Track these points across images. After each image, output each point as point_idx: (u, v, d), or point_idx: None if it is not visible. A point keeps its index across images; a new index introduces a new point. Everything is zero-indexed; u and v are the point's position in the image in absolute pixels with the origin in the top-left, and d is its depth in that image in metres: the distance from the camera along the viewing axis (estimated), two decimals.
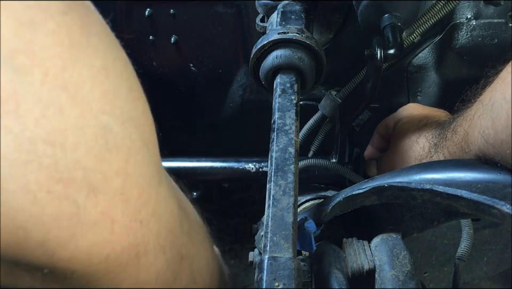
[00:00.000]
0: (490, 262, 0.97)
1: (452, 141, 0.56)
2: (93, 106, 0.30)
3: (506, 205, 0.37)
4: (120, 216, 0.32)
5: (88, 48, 0.30)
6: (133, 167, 0.33)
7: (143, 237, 0.35)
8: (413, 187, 0.44)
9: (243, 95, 0.91)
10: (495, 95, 0.44)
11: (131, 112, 0.33)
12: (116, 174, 0.32)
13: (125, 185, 0.32)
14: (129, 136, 0.33)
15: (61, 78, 0.28)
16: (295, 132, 0.48)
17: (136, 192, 0.33)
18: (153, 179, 0.36)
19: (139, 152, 0.34)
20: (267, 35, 0.58)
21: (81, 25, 0.30)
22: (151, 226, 0.36)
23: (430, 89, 0.86)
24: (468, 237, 0.63)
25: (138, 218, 0.34)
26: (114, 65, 0.32)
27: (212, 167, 0.85)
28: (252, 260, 0.59)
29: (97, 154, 0.30)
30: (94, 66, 0.30)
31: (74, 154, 0.29)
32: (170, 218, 0.39)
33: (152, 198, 0.35)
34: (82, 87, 0.29)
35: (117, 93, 0.32)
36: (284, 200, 0.42)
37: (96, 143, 0.30)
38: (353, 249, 0.49)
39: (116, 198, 0.32)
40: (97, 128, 0.30)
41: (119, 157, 0.32)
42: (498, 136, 0.42)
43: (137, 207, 0.34)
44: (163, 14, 0.81)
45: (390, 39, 0.55)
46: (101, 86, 0.31)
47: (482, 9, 0.75)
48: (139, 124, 0.34)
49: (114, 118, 0.31)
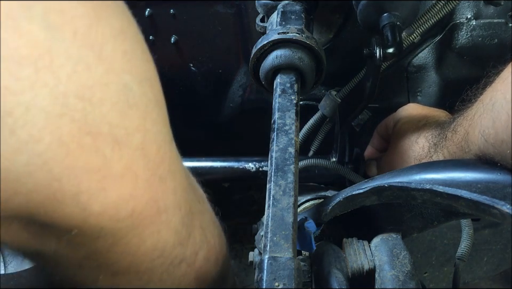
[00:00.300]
0: (490, 262, 0.97)
1: (451, 140, 0.56)
2: (115, 65, 0.31)
3: (506, 205, 0.37)
4: (142, 171, 0.34)
5: (107, 9, 0.31)
6: (150, 124, 0.34)
7: (163, 192, 0.36)
8: (413, 187, 0.44)
9: (243, 95, 0.91)
10: (495, 95, 0.44)
11: (146, 72, 0.35)
12: (137, 130, 0.33)
13: (145, 140, 0.34)
14: (146, 95, 0.34)
15: (88, 37, 0.29)
16: (295, 132, 0.48)
17: (154, 147, 0.35)
18: (167, 136, 0.38)
19: (154, 110, 0.35)
20: (267, 35, 0.58)
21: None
22: (169, 183, 0.37)
23: (430, 89, 0.86)
24: (468, 237, 0.63)
25: (158, 173, 0.35)
26: (129, 28, 0.34)
27: (212, 167, 0.85)
28: (252, 260, 0.59)
29: (120, 110, 0.31)
30: (114, 27, 0.32)
31: (101, 109, 0.30)
32: (183, 176, 0.41)
33: (167, 155, 0.37)
34: (106, 46, 0.31)
35: (134, 54, 0.33)
36: (284, 200, 0.42)
37: (119, 99, 0.31)
38: (353, 249, 0.49)
39: (137, 153, 0.33)
40: (120, 86, 0.31)
41: (139, 114, 0.33)
42: (498, 136, 0.42)
43: (156, 162, 0.35)
44: (163, 14, 0.81)
45: (389, 38, 0.55)
46: (121, 46, 0.32)
47: (482, 9, 0.75)
48: (153, 84, 0.36)
49: (133, 77, 0.33)
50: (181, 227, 0.40)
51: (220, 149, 0.96)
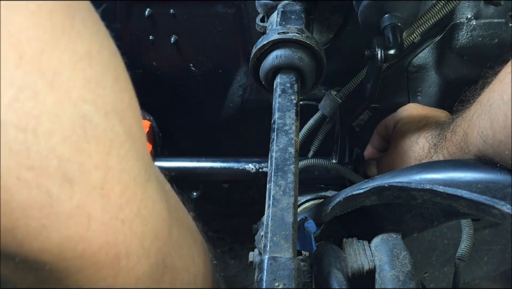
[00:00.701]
0: (491, 262, 0.97)
1: (451, 141, 0.56)
2: (72, 93, 0.29)
3: (506, 205, 0.37)
4: (99, 212, 0.31)
5: (71, 32, 0.29)
6: (115, 160, 0.31)
7: (125, 237, 0.33)
8: (413, 187, 0.44)
9: (243, 95, 0.91)
10: (493, 96, 0.44)
11: (115, 103, 0.32)
12: (95, 167, 0.30)
13: (106, 179, 0.31)
14: (112, 128, 0.31)
15: (38, 62, 0.27)
16: (295, 132, 0.48)
17: (118, 188, 0.32)
18: (140, 176, 0.34)
19: (123, 145, 0.32)
20: (267, 35, 0.58)
21: (66, 8, 0.29)
22: (135, 227, 0.34)
23: (430, 89, 0.86)
24: (468, 237, 0.63)
25: (120, 216, 0.32)
26: (100, 53, 0.31)
27: (212, 167, 0.85)
28: (252, 260, 0.58)
29: (75, 144, 0.29)
30: (77, 52, 0.29)
31: (49, 141, 0.28)
32: (157, 222, 0.36)
33: (137, 196, 0.33)
34: (61, 73, 0.28)
35: (101, 82, 0.31)
36: (284, 200, 0.42)
37: (73, 132, 0.29)
38: (353, 249, 0.49)
39: (94, 192, 0.30)
40: (76, 117, 0.29)
41: (100, 149, 0.30)
42: (496, 137, 0.42)
43: (119, 204, 0.32)
44: (163, 14, 0.81)
45: (390, 39, 0.55)
46: (83, 74, 0.29)
47: (482, 9, 0.75)
48: (124, 117, 0.33)
49: (95, 108, 0.30)
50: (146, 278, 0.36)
51: (220, 149, 0.96)
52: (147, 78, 0.90)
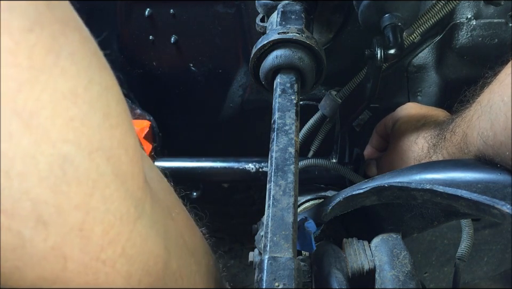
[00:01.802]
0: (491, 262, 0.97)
1: (450, 141, 0.56)
2: (51, 134, 0.28)
3: (506, 205, 0.37)
4: (77, 253, 0.30)
5: (53, 70, 0.28)
6: (98, 201, 0.30)
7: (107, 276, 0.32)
8: (413, 187, 0.44)
9: (243, 95, 0.91)
10: (493, 97, 0.44)
11: (103, 142, 0.31)
12: (75, 208, 0.29)
13: (86, 220, 0.30)
14: (96, 168, 0.30)
15: (13, 102, 0.26)
16: (295, 132, 0.48)
17: (100, 228, 0.31)
18: (127, 215, 0.33)
19: (108, 185, 0.31)
20: (267, 35, 0.58)
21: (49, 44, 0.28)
22: (119, 266, 0.33)
23: (430, 89, 0.86)
24: (468, 237, 0.63)
25: (101, 257, 0.31)
26: (87, 89, 0.30)
27: (212, 167, 0.85)
28: (252, 260, 0.58)
29: (51, 186, 0.28)
30: (58, 91, 0.28)
31: (22, 184, 0.27)
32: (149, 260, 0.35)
33: (122, 236, 0.32)
34: (40, 113, 0.27)
35: (86, 121, 0.29)
36: (284, 200, 0.42)
37: (50, 174, 0.28)
38: (353, 249, 0.49)
39: (71, 234, 0.29)
40: (54, 158, 0.28)
41: (80, 190, 0.29)
42: (497, 138, 0.42)
43: (100, 244, 0.31)
44: (163, 14, 0.81)
45: (390, 39, 0.55)
46: (65, 113, 0.28)
47: (482, 9, 0.75)
48: (112, 155, 0.31)
49: (78, 148, 0.29)
50: None
51: (220, 149, 0.96)
52: (147, 78, 0.90)
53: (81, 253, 0.30)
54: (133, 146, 0.34)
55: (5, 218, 0.27)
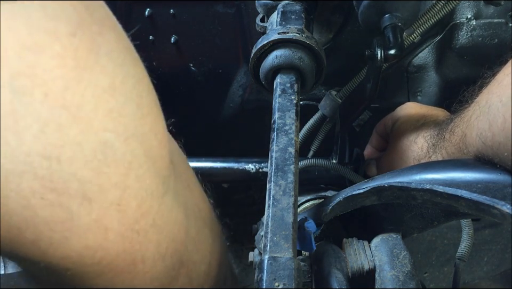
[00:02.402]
0: (491, 262, 0.97)
1: (450, 141, 0.56)
2: (94, 123, 0.31)
3: (506, 205, 0.37)
4: (116, 225, 0.34)
5: (94, 68, 0.31)
6: (133, 180, 0.34)
7: (141, 245, 0.36)
8: (413, 187, 0.44)
9: (243, 95, 0.91)
10: (491, 98, 0.44)
11: (137, 128, 0.34)
12: (114, 186, 0.33)
13: (123, 196, 0.34)
14: (132, 151, 0.34)
15: (62, 98, 0.30)
16: (295, 132, 0.48)
17: (135, 203, 0.35)
18: (157, 190, 0.37)
19: (141, 166, 0.35)
20: (267, 35, 0.58)
21: (90, 45, 0.31)
22: (150, 236, 0.37)
23: (430, 89, 0.86)
24: (468, 237, 0.63)
25: (135, 228, 0.35)
26: (123, 83, 0.33)
27: (212, 167, 0.85)
28: (252, 260, 0.58)
29: (95, 168, 0.32)
30: (99, 86, 0.31)
31: (71, 167, 0.30)
32: (174, 228, 0.40)
33: (153, 209, 0.36)
34: (84, 106, 0.31)
35: (123, 111, 0.33)
36: (284, 200, 0.42)
37: (94, 158, 0.31)
38: (353, 249, 0.49)
39: (111, 208, 0.33)
40: (97, 144, 0.31)
41: (118, 171, 0.33)
42: (495, 139, 0.42)
43: (134, 217, 0.35)
44: (163, 14, 0.81)
45: (390, 40, 0.55)
46: (105, 105, 0.32)
47: (482, 9, 0.75)
48: (145, 140, 0.35)
49: (116, 135, 0.33)
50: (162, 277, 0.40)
51: (220, 149, 0.96)
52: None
53: (119, 224, 0.34)
54: (161, 131, 0.38)
55: (57, 195, 0.30)
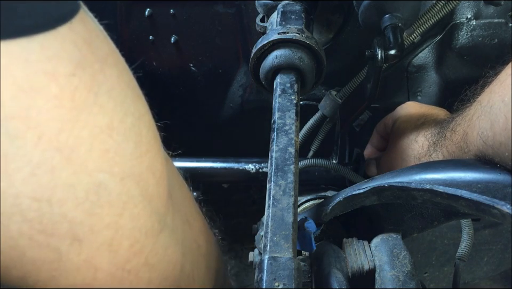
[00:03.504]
0: (491, 262, 0.97)
1: (451, 140, 0.56)
2: (89, 165, 0.30)
3: (506, 205, 0.37)
4: (106, 265, 0.33)
5: (93, 108, 0.30)
6: (126, 220, 0.33)
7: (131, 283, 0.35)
8: (413, 187, 0.44)
9: (243, 95, 0.91)
10: (493, 97, 0.44)
11: (133, 168, 0.33)
12: (106, 227, 0.32)
13: (115, 237, 0.33)
14: (127, 192, 0.33)
15: (56, 140, 0.29)
16: (295, 132, 0.48)
17: (127, 243, 0.34)
18: (152, 229, 0.36)
19: (136, 206, 0.34)
20: (267, 35, 0.58)
21: (90, 84, 0.30)
22: (141, 274, 0.36)
23: (430, 89, 0.86)
24: (468, 237, 0.63)
25: (127, 267, 0.34)
26: (122, 121, 0.32)
27: (212, 167, 0.85)
28: (252, 260, 0.58)
29: (87, 209, 0.31)
30: (97, 126, 0.30)
31: (61, 209, 0.30)
32: (167, 266, 0.39)
33: (146, 248, 0.35)
34: (79, 148, 0.30)
35: (120, 151, 0.32)
36: (284, 200, 0.42)
37: (86, 199, 0.30)
38: (353, 249, 0.49)
39: (102, 248, 0.32)
40: (90, 185, 0.30)
41: (112, 211, 0.32)
42: (496, 138, 0.42)
43: (126, 256, 0.34)
44: (163, 14, 0.81)
45: (391, 40, 0.55)
46: (102, 146, 0.31)
47: (482, 9, 0.75)
48: (142, 179, 0.34)
49: (111, 175, 0.32)
50: None
51: (220, 149, 0.96)
52: (147, 78, 0.90)
53: (109, 264, 0.33)
54: (159, 169, 0.36)
55: (45, 237, 0.30)
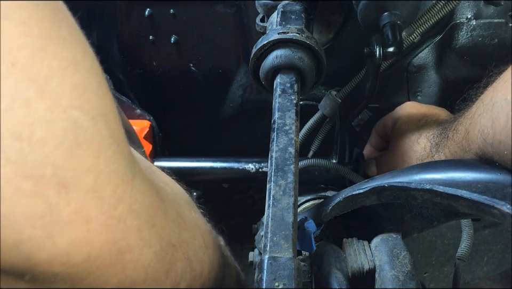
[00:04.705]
0: (491, 262, 0.97)
1: (452, 140, 0.56)
2: (62, 100, 0.29)
3: (506, 205, 0.37)
4: (96, 214, 0.32)
5: (58, 40, 0.29)
6: (104, 163, 0.32)
7: (123, 233, 0.34)
8: (413, 187, 0.44)
9: (243, 95, 0.91)
10: (496, 95, 0.44)
11: (100, 107, 0.32)
12: (87, 171, 0.31)
13: (97, 182, 0.31)
14: (99, 132, 0.32)
15: (30, 70, 0.27)
16: (295, 132, 0.48)
17: (109, 188, 0.33)
18: (126, 174, 0.35)
19: (109, 148, 0.33)
20: (267, 35, 0.58)
21: (52, 16, 0.29)
22: (130, 222, 0.35)
23: (430, 89, 0.86)
24: (468, 237, 0.63)
25: (115, 215, 0.33)
26: (84, 58, 0.31)
27: (212, 167, 0.85)
28: (252, 260, 0.59)
29: (67, 150, 0.29)
30: (64, 59, 0.29)
31: (43, 149, 0.28)
32: (150, 211, 0.38)
33: (127, 194, 0.34)
34: (52, 80, 0.28)
35: (87, 88, 0.31)
36: (284, 200, 0.42)
37: (65, 139, 0.29)
38: (353, 249, 0.49)
39: (88, 195, 0.31)
40: (67, 123, 0.29)
41: (90, 153, 0.31)
42: (497, 137, 0.42)
43: (112, 204, 0.33)
44: (163, 14, 0.81)
45: (389, 37, 0.55)
46: (71, 80, 0.30)
47: (482, 9, 0.75)
48: (108, 120, 0.33)
49: (83, 113, 0.30)
50: (155, 264, 0.38)
51: (220, 149, 0.96)
52: (147, 78, 0.90)
53: (99, 213, 0.32)
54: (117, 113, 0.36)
55: (32, 184, 0.28)
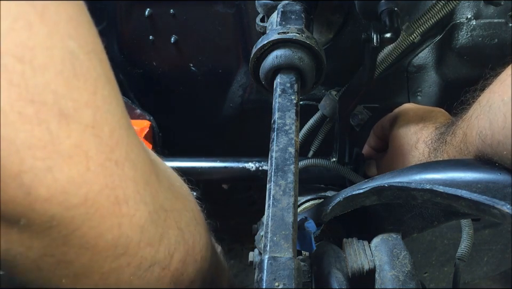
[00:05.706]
0: (490, 262, 0.97)
1: (451, 144, 0.56)
2: (60, 28, 0.29)
3: (506, 205, 0.37)
4: (94, 152, 0.31)
5: None
6: (101, 100, 0.31)
7: (120, 179, 0.33)
8: (413, 187, 0.44)
9: (243, 95, 0.91)
10: (493, 97, 0.44)
11: (94, 44, 0.32)
12: (86, 105, 0.30)
13: (95, 118, 0.31)
14: (94, 68, 0.32)
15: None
16: (295, 132, 0.48)
17: (107, 128, 0.32)
18: (122, 120, 0.34)
19: (105, 87, 0.32)
20: (267, 35, 0.58)
21: None
22: (127, 170, 0.34)
23: (430, 89, 0.86)
24: (468, 237, 0.63)
25: (113, 158, 0.32)
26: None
27: (212, 167, 0.85)
28: (252, 260, 0.59)
29: (66, 80, 0.29)
30: None
31: (44, 75, 0.28)
32: (145, 168, 0.37)
33: (124, 140, 0.34)
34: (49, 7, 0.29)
35: (80, 21, 0.31)
36: (284, 200, 0.42)
37: (64, 67, 0.29)
38: (353, 249, 0.49)
39: (87, 131, 0.30)
40: (65, 52, 0.29)
41: (87, 87, 0.30)
42: (495, 137, 0.42)
43: (110, 145, 0.32)
44: (163, 14, 0.81)
45: (386, 23, 0.55)
46: (66, 10, 0.30)
47: (482, 9, 0.75)
48: (102, 59, 0.33)
49: (79, 46, 0.30)
50: (149, 225, 0.36)
51: (220, 149, 0.96)
52: (147, 78, 0.90)
53: (98, 152, 0.31)
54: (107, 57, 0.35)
55: (34, 110, 0.27)
